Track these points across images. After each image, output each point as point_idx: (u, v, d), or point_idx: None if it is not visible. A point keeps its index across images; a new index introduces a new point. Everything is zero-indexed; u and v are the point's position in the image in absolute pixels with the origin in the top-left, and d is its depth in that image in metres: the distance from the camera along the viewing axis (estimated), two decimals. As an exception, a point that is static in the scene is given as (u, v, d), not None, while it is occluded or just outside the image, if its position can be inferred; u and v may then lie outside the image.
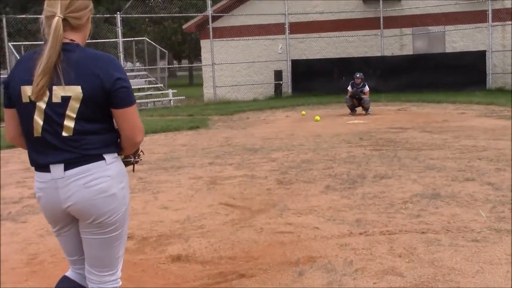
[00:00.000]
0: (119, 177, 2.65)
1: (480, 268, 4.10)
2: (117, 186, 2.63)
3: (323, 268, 4.24)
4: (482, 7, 20.75)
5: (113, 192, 2.61)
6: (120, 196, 2.65)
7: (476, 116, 13.52)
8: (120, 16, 20.38)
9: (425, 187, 6.62)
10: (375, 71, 20.83)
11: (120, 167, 2.69)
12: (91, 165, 2.54)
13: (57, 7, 2.48)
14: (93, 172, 2.54)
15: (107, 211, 2.61)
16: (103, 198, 2.57)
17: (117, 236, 2.72)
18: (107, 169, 2.58)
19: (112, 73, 2.51)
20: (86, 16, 2.61)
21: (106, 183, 2.57)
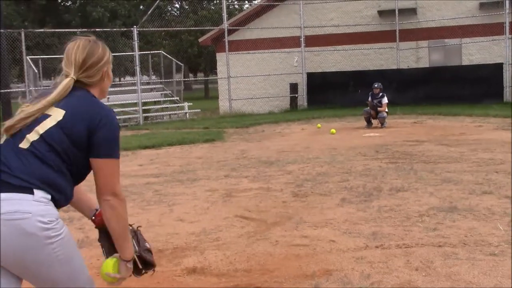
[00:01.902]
0: (48, 215, 2.33)
1: (498, 282, 4.05)
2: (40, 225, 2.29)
3: (339, 281, 4.21)
4: (499, 19, 20.66)
5: (34, 232, 2.27)
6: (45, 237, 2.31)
7: (493, 129, 13.42)
8: (136, 30, 20.54)
9: (442, 200, 6.57)
10: (391, 84, 20.76)
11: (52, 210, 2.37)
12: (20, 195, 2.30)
13: (71, 68, 2.57)
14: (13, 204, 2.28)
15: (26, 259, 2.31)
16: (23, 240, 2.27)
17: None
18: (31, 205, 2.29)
19: (96, 116, 2.49)
20: (100, 73, 2.64)
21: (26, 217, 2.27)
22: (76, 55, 2.59)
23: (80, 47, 2.61)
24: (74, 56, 2.58)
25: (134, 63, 20.60)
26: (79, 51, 2.60)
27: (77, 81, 2.57)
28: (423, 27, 22.29)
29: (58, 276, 2.37)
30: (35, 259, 2.29)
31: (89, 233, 5.91)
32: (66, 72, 2.59)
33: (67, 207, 5.21)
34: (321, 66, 22.99)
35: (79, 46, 2.62)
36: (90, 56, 2.61)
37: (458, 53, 22.30)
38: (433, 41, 22.37)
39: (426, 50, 22.66)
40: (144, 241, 2.81)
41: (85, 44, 2.64)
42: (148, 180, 8.95)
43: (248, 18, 23.47)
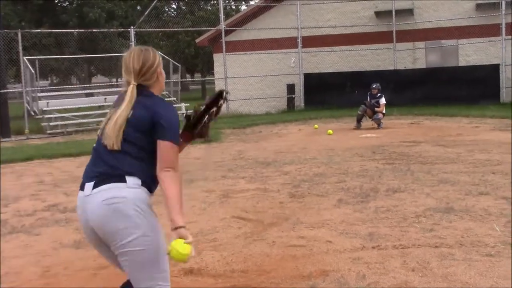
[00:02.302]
0: (138, 201, 2.92)
1: (494, 283, 4.06)
2: (132, 208, 2.88)
3: (336, 282, 4.22)
4: (496, 20, 20.70)
5: (126, 213, 2.84)
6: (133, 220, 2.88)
7: (490, 130, 13.45)
8: (133, 30, 20.53)
9: (439, 201, 6.58)
10: (388, 85, 20.77)
11: (141, 194, 2.95)
12: (115, 184, 2.86)
13: (131, 76, 3.01)
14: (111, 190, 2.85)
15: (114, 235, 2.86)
16: (114, 218, 2.82)
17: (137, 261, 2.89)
18: (125, 190, 2.86)
19: (157, 110, 2.94)
20: (155, 75, 3.08)
21: (119, 201, 2.83)
22: (133, 64, 3.02)
23: (135, 57, 3.04)
24: (132, 65, 3.02)
25: (131, 63, 20.58)
26: (135, 60, 3.03)
27: (138, 84, 3.01)
28: (420, 28, 22.31)
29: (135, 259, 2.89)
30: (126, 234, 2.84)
31: (86, 234, 5.91)
32: (128, 80, 3.03)
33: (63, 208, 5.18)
34: (318, 67, 23.01)
35: (134, 56, 3.05)
36: (145, 63, 3.03)
37: (455, 54, 22.33)
38: (430, 42, 22.40)
39: (423, 51, 22.69)
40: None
41: (138, 53, 3.06)
42: (145, 180, 8.93)
43: (245, 18, 23.47)
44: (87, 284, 4.45)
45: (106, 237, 2.85)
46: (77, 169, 10.60)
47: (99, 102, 21.59)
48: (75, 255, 5.22)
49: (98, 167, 2.90)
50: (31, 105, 19.84)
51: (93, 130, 19.08)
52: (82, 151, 12.93)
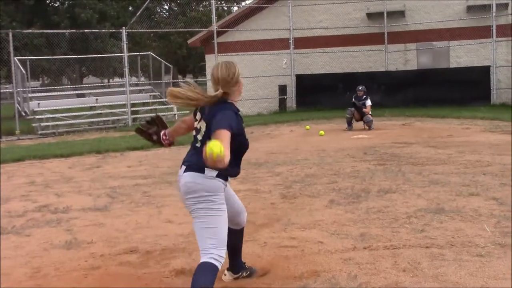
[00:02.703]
0: (210, 189, 3.75)
1: (484, 283, 4.08)
2: (204, 193, 3.73)
3: (327, 283, 4.23)
4: (487, 22, 20.80)
5: (197, 194, 3.74)
6: (202, 199, 3.74)
7: (481, 131, 13.51)
8: (125, 31, 20.49)
9: (430, 202, 6.61)
10: (380, 86, 20.88)
11: (216, 185, 3.79)
12: (195, 173, 3.76)
13: (218, 85, 3.75)
14: (192, 177, 3.75)
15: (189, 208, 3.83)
16: (189, 196, 3.76)
17: (201, 225, 3.82)
18: (202, 179, 3.74)
19: (217, 113, 3.68)
20: (236, 84, 3.85)
21: (195, 185, 3.73)
22: (223, 75, 3.75)
23: (222, 71, 3.76)
24: (222, 76, 3.75)
25: (123, 64, 20.57)
26: (222, 73, 3.76)
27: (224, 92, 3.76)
28: (411, 29, 22.39)
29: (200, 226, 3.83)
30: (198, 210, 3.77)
31: (76, 234, 5.90)
32: (215, 87, 3.78)
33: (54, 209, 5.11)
34: (310, 68, 23.04)
35: (220, 69, 3.77)
36: (231, 75, 3.78)
37: (446, 55, 22.42)
38: (421, 43, 22.47)
39: (415, 53, 22.76)
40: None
41: (223, 67, 3.78)
42: (136, 181, 8.93)
43: (237, 20, 23.47)
44: (78, 285, 4.44)
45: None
46: (68, 169, 10.58)
47: (91, 102, 21.55)
48: (65, 256, 5.20)
49: (191, 158, 3.88)
50: (22, 106, 19.78)
51: (85, 131, 19.05)
52: (73, 151, 12.91)
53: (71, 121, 19.92)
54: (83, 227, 6.23)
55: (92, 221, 6.46)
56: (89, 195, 8.06)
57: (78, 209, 7.09)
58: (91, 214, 6.84)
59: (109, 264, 4.92)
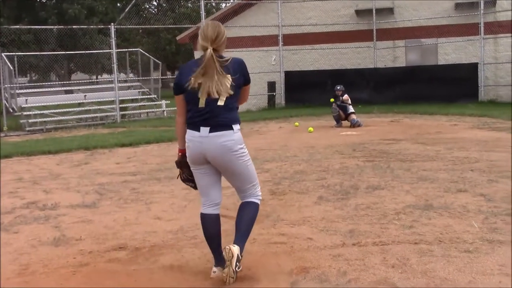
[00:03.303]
0: (240, 141, 4.15)
1: (472, 279, 4.11)
2: (238, 146, 4.12)
3: (316, 279, 4.23)
4: (474, 20, 20.92)
5: (235, 149, 4.11)
6: (241, 152, 4.17)
7: (469, 128, 13.58)
8: (114, 27, 20.40)
9: (418, 198, 6.63)
10: (368, 83, 20.96)
11: (241, 135, 4.15)
12: (225, 131, 4.07)
13: (208, 42, 4.06)
14: (225, 136, 4.06)
15: (231, 162, 4.15)
16: (229, 153, 4.10)
17: (250, 177, 4.39)
18: (233, 135, 4.09)
19: (240, 62, 4.21)
20: (223, 43, 4.16)
21: (232, 142, 4.08)
22: (210, 33, 4.09)
23: (211, 29, 4.11)
24: (210, 34, 4.08)
25: (111, 60, 20.48)
26: (212, 31, 4.10)
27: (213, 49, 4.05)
28: (400, 26, 22.47)
29: (244, 172, 4.30)
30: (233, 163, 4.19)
31: (65, 231, 5.87)
32: (204, 45, 4.07)
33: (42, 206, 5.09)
34: (299, 65, 23.07)
35: (210, 28, 4.11)
36: (219, 34, 4.11)
37: (434, 52, 22.52)
38: (410, 40, 22.57)
39: (403, 50, 22.85)
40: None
41: (213, 26, 4.13)
42: (125, 178, 8.90)
43: (226, 16, 23.44)
44: (66, 282, 4.41)
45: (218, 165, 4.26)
46: (56, 166, 10.53)
47: (79, 99, 21.46)
48: (54, 252, 5.18)
49: (212, 117, 4.10)
50: (9, 102, 19.66)
51: (73, 127, 18.97)
52: (61, 148, 12.85)
53: (59, 117, 19.83)
54: (72, 224, 6.20)
55: (80, 218, 6.44)
56: (78, 191, 8.02)
57: (66, 206, 7.06)
58: (80, 210, 6.81)
59: (98, 261, 4.90)
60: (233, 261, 4.03)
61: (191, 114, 4.15)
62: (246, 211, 4.42)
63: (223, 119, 4.06)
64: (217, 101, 4.05)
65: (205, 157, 4.13)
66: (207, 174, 4.27)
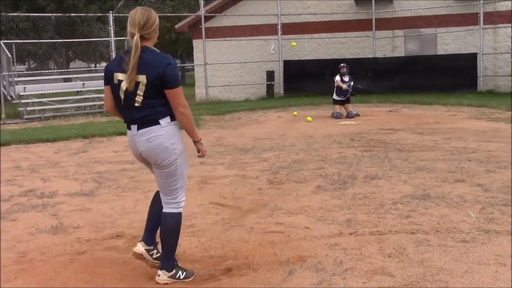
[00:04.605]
0: (170, 135, 3.90)
1: (468, 268, 4.12)
2: (168, 142, 3.89)
3: (313, 268, 4.25)
4: (474, 9, 20.86)
5: (165, 145, 3.89)
6: (170, 148, 3.90)
7: (467, 118, 13.58)
8: (112, 15, 20.33)
9: (415, 188, 6.65)
10: (367, 73, 20.92)
11: (172, 129, 3.93)
12: (152, 127, 3.86)
13: (135, 28, 3.79)
14: (152, 131, 3.86)
15: (160, 158, 3.91)
16: (158, 149, 3.88)
17: (175, 175, 3.99)
18: (161, 130, 3.87)
19: (165, 64, 3.80)
20: (154, 30, 3.90)
21: (160, 139, 3.86)
22: (138, 18, 3.80)
23: (139, 13, 3.82)
24: (138, 20, 3.80)
25: (110, 48, 20.40)
26: (140, 16, 3.81)
27: (140, 36, 3.78)
28: (399, 16, 22.39)
29: (171, 171, 4.01)
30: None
31: (62, 219, 5.88)
32: (132, 31, 3.79)
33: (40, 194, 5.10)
34: (298, 54, 23.00)
35: (138, 12, 3.82)
36: (149, 19, 3.83)
37: (433, 42, 22.46)
38: (409, 30, 22.50)
39: (402, 39, 22.79)
40: None
41: (143, 11, 3.84)
42: (123, 166, 8.91)
43: (225, 4, 23.33)
44: (64, 269, 4.43)
45: (151, 161, 4.03)
46: (54, 154, 10.53)
47: (77, 87, 21.38)
48: (51, 240, 5.19)
49: (137, 114, 3.91)
50: (7, 90, 19.60)
51: (71, 115, 18.95)
52: (59, 136, 12.84)
53: (58, 105, 19.77)
54: (69, 212, 6.21)
55: (78, 206, 6.45)
56: (76, 180, 8.03)
57: (64, 194, 7.07)
58: (78, 199, 6.82)
59: (96, 249, 4.91)
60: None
61: (120, 112, 4.03)
62: (167, 225, 4.13)
63: (147, 116, 3.85)
64: (135, 101, 3.84)
65: (142, 156, 4.00)
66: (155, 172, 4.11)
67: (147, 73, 3.77)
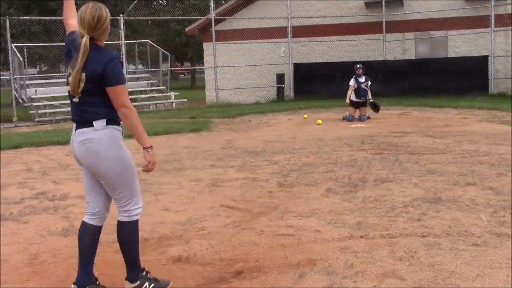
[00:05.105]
0: (104, 141, 3.62)
1: (480, 272, 4.10)
2: (100, 147, 3.62)
3: (324, 271, 4.24)
4: (485, 12, 20.77)
5: (96, 150, 3.61)
6: (102, 155, 3.62)
7: (478, 121, 13.52)
8: (123, 19, 20.41)
9: (426, 191, 6.62)
10: (377, 75, 20.85)
11: (107, 133, 3.63)
12: (85, 129, 3.62)
13: (85, 29, 3.54)
14: (84, 134, 3.62)
15: (92, 164, 3.66)
16: (89, 154, 3.63)
17: (114, 184, 3.73)
18: (94, 133, 3.60)
19: (106, 60, 3.55)
20: (104, 31, 3.65)
21: (92, 143, 3.60)
22: (88, 18, 3.53)
23: (90, 12, 3.53)
24: (88, 20, 3.53)
25: (120, 52, 20.49)
26: (90, 16, 3.53)
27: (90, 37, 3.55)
28: (409, 19, 22.35)
29: (111, 178, 3.77)
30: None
31: (73, 221, 5.90)
32: (81, 33, 3.55)
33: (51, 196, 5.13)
34: (308, 57, 23.00)
35: (89, 10, 3.54)
36: (99, 20, 3.56)
37: (444, 45, 22.39)
38: (420, 33, 22.45)
39: (412, 42, 22.74)
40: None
41: (93, 10, 3.55)
42: (133, 169, 8.91)
43: (235, 8, 23.38)
44: (74, 271, 4.42)
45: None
46: (65, 157, 10.57)
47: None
48: (63, 242, 5.21)
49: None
50: (19, 93, 19.72)
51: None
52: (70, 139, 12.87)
53: (69, 108, 19.83)
54: (81, 215, 6.21)
55: (89, 209, 6.46)
56: (86, 182, 8.05)
57: (75, 197, 7.09)
58: (88, 201, 6.84)
59: (106, 251, 4.92)
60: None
61: None
62: (120, 234, 3.97)
63: (83, 115, 3.64)
64: (75, 97, 3.66)
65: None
66: (86, 176, 3.88)
67: (87, 69, 3.54)
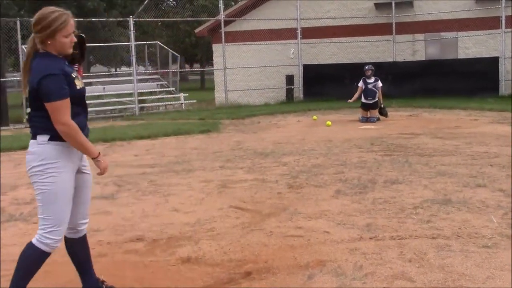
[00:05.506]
0: (40, 155, 3.45)
1: (490, 274, 4.08)
2: (36, 162, 3.46)
3: (333, 272, 4.23)
4: (496, 13, 20.66)
5: (32, 165, 3.49)
6: (34, 169, 3.50)
7: (489, 123, 13.46)
8: (132, 20, 20.47)
9: (436, 193, 6.60)
10: (387, 77, 20.76)
11: (46, 149, 3.43)
12: (31, 141, 3.48)
13: (32, 28, 3.37)
14: (30, 146, 3.49)
15: (29, 176, 3.57)
16: (27, 167, 3.53)
17: (38, 202, 3.61)
18: (35, 147, 3.46)
19: (42, 75, 3.30)
20: (48, 36, 3.35)
21: (31, 156, 3.48)
22: (34, 17, 3.38)
23: (39, 12, 3.37)
24: (33, 19, 3.38)
25: (130, 53, 20.54)
26: (36, 14, 3.37)
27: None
28: (419, 20, 22.28)
29: (38, 197, 3.63)
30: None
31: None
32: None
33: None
34: (317, 58, 22.97)
35: (41, 10, 3.38)
36: (39, 21, 3.36)
37: (454, 46, 22.31)
38: (430, 34, 22.36)
39: (422, 43, 22.66)
40: None
41: (42, 10, 3.38)
42: (143, 170, 8.95)
43: (245, 9, 23.39)
44: (84, 272, 4.45)
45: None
46: (75, 158, 10.60)
47: (98, 91, 21.57)
48: (73, 243, 5.22)
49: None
50: (29, 94, 19.79)
51: (92, 119, 19.09)
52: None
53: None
54: (90, 215, 6.20)
55: (98, 209, 6.49)
56: (96, 183, 8.07)
57: (85, 197, 7.11)
58: (98, 202, 6.86)
59: (116, 252, 4.94)
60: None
61: None
62: (20, 255, 3.70)
63: (32, 127, 3.50)
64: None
65: None
66: None
67: (29, 82, 3.40)
